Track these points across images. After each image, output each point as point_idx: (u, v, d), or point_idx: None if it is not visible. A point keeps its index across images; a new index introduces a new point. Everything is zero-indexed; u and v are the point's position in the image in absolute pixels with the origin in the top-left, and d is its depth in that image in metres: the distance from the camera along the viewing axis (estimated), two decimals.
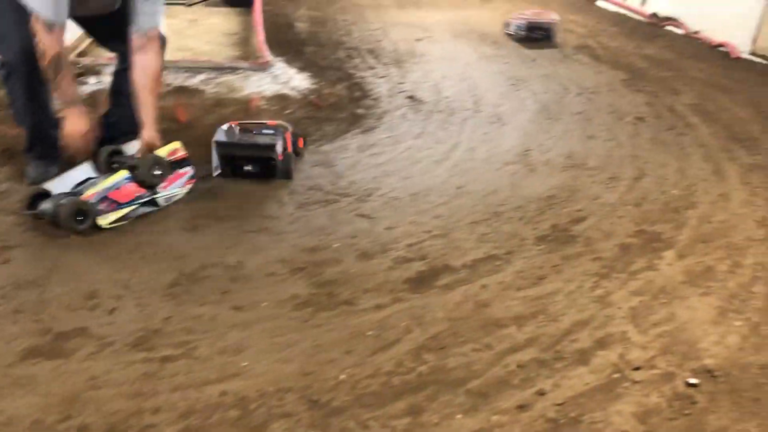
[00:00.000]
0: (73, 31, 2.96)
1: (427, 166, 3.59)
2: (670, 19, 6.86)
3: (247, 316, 2.24)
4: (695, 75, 5.36)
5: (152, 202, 2.89)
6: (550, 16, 6.44)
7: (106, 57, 3.26)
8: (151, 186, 2.85)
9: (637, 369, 2.04)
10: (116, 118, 3.19)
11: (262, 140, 3.25)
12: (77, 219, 2.65)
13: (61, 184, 2.80)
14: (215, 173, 3.25)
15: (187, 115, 3.80)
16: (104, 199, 2.73)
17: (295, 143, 3.46)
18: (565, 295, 2.42)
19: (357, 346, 2.09)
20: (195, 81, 4.06)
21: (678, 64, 5.66)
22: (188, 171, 3.03)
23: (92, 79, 3.96)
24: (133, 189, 2.81)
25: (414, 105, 4.48)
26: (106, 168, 2.90)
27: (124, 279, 2.41)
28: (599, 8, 7.87)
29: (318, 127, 4.03)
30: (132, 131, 3.22)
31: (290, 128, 3.44)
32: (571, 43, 6.25)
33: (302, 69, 4.78)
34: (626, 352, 2.11)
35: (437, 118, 4.28)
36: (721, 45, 6.10)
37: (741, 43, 5.97)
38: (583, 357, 2.08)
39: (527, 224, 2.97)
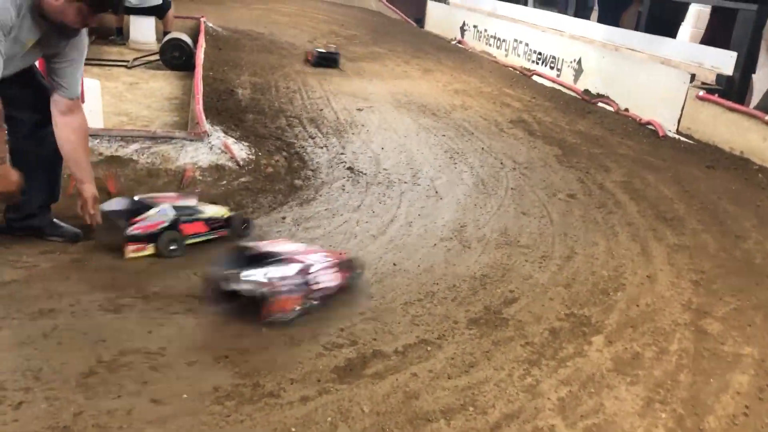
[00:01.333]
0: None
1: (363, 240, 3.58)
2: (601, 96, 7.18)
3: (166, 410, 2.12)
4: (624, 152, 5.58)
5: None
6: None
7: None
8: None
9: None
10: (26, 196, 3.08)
11: None
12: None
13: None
14: None
15: (118, 186, 3.71)
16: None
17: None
18: (495, 384, 2.39)
19: None
20: (128, 150, 3.98)
21: (608, 141, 5.88)
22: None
23: None
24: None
25: (353, 176, 4.50)
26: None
27: (35, 368, 2.26)
28: (535, 83, 8.19)
29: (254, 198, 3.98)
30: (43, 205, 3.13)
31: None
32: (507, 116, 6.45)
33: (241, 138, 4.75)
34: None
35: (375, 191, 4.30)
36: (648, 123, 6.39)
37: (667, 122, 6.28)
38: None
39: (460, 305, 2.96)
